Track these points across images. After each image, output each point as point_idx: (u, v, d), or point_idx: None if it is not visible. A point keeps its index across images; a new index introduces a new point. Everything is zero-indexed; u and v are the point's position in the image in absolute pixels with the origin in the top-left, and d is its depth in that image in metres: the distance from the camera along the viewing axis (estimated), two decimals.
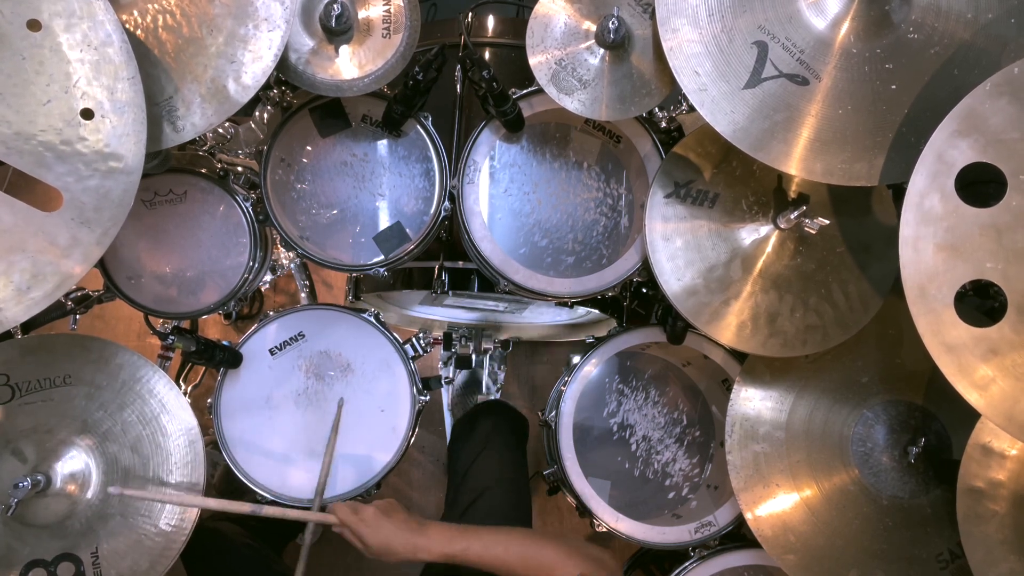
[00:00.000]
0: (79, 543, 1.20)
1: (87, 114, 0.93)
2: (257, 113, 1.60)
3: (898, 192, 1.25)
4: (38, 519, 1.20)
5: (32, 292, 0.93)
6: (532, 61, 1.21)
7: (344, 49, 1.20)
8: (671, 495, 1.63)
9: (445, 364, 2.25)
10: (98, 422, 1.24)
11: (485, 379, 2.22)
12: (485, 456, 1.66)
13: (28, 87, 0.91)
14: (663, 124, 1.42)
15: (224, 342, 1.46)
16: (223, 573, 1.48)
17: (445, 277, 1.51)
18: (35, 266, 0.92)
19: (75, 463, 1.23)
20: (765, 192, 1.27)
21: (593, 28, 1.21)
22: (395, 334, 1.52)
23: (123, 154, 0.95)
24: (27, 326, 1.37)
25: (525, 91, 1.35)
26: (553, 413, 1.52)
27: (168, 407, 1.27)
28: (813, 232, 1.19)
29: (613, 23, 1.16)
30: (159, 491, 1.25)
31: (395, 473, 1.50)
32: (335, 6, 1.14)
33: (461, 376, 2.24)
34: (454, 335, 1.96)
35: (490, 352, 2.14)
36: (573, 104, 1.21)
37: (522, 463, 1.75)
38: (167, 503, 1.24)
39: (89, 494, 1.22)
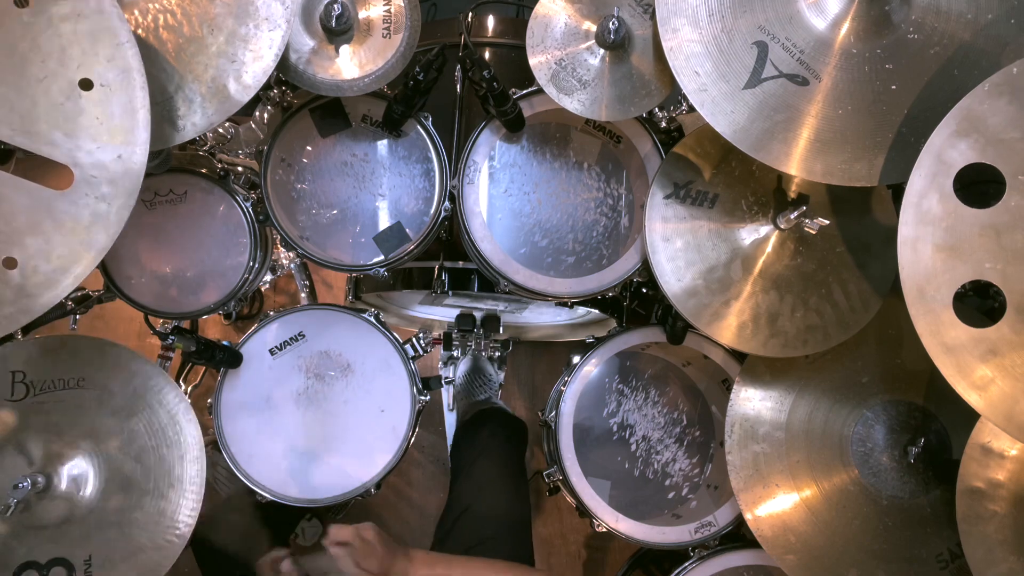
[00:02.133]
0: (74, 548, 1.19)
1: (86, 85, 0.92)
2: (257, 113, 1.61)
3: (897, 192, 1.25)
4: (36, 520, 1.19)
5: (58, 274, 0.93)
6: (532, 61, 1.21)
7: (344, 49, 1.20)
8: (671, 495, 1.63)
9: (445, 364, 2.26)
10: (106, 428, 1.23)
11: (489, 370, 2.22)
12: (483, 462, 1.67)
13: (25, 65, 0.91)
14: (663, 124, 1.42)
15: (224, 342, 1.46)
16: (231, 563, 1.49)
17: (445, 277, 1.51)
18: (57, 247, 0.92)
19: (78, 467, 1.22)
20: (765, 192, 1.27)
21: (593, 28, 1.21)
22: (395, 334, 1.52)
23: (129, 122, 0.94)
24: (27, 326, 1.37)
25: (525, 91, 1.35)
26: (553, 413, 1.52)
27: (176, 420, 1.26)
28: (813, 232, 1.19)
29: (613, 23, 1.16)
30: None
31: (395, 473, 1.50)
32: (335, 6, 1.14)
33: (464, 368, 2.24)
34: (454, 335, 1.96)
35: (489, 352, 2.14)
36: (573, 104, 1.21)
37: (521, 468, 1.76)
38: None
39: (88, 499, 1.21)
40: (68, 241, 0.93)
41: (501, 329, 1.75)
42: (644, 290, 1.67)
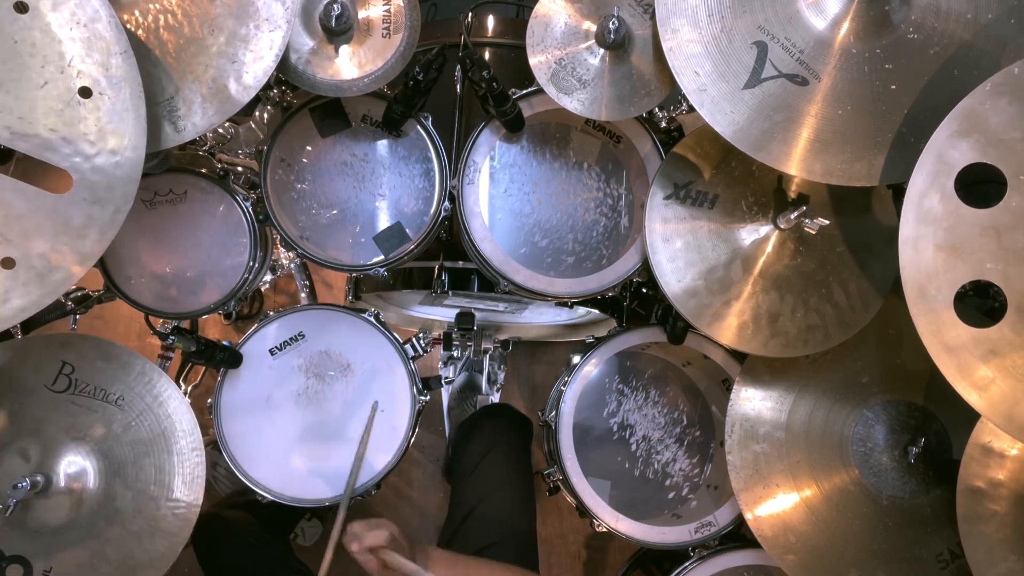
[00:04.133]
0: (39, 555, 1.19)
1: (85, 92, 0.93)
2: (257, 113, 1.61)
3: (898, 192, 1.25)
4: (17, 517, 1.18)
5: (53, 275, 0.93)
6: (532, 61, 1.21)
7: (344, 49, 1.20)
8: (671, 495, 1.63)
9: (445, 364, 2.26)
10: (120, 454, 1.24)
11: (484, 380, 2.22)
12: (488, 460, 1.66)
13: (24, 71, 0.92)
14: (663, 124, 1.42)
15: (224, 342, 1.46)
16: (232, 561, 1.50)
17: (445, 277, 1.51)
18: (53, 249, 0.93)
19: (78, 479, 1.22)
20: (765, 192, 1.27)
21: (593, 28, 1.21)
22: (395, 334, 1.51)
23: (125, 129, 0.95)
24: (27, 326, 1.37)
25: (525, 91, 1.35)
26: (553, 413, 1.52)
27: (185, 461, 1.26)
28: (813, 232, 1.19)
29: (613, 23, 1.16)
30: None
31: (395, 473, 1.50)
32: (335, 6, 1.14)
33: (460, 378, 2.24)
34: (454, 335, 1.96)
35: (490, 352, 2.14)
36: (573, 104, 1.21)
37: (527, 465, 1.75)
38: None
39: (72, 514, 1.21)
40: (65, 243, 0.94)
41: (499, 329, 1.75)
42: (644, 290, 1.67)
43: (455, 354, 2.21)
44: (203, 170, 1.40)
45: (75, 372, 1.23)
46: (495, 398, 2.24)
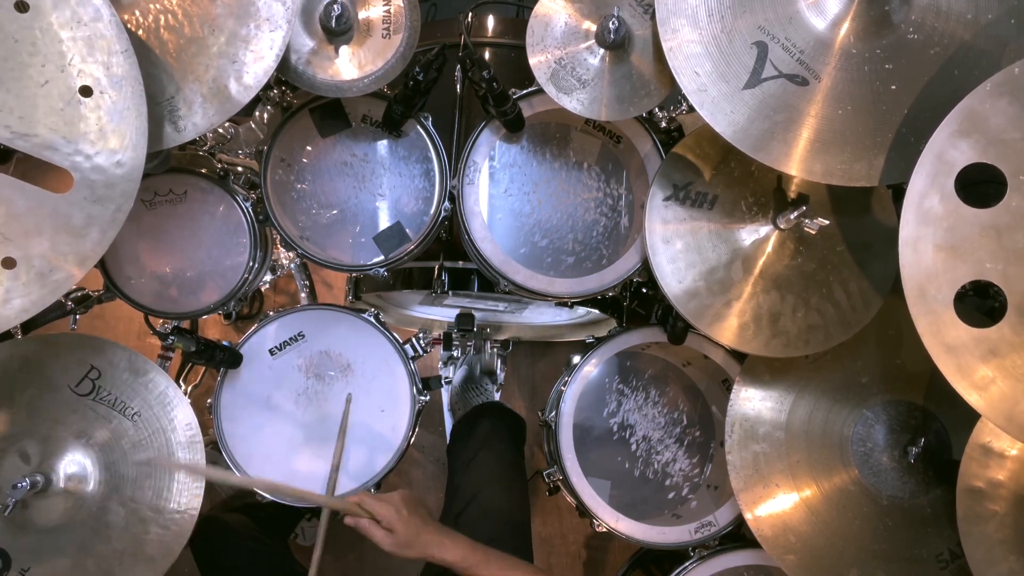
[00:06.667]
0: (22, 552, 1.19)
1: (86, 91, 0.94)
2: (257, 113, 1.61)
3: (897, 192, 1.25)
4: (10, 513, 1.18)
5: (54, 275, 0.93)
6: (532, 61, 1.21)
7: (344, 49, 1.20)
8: (671, 495, 1.63)
9: (445, 364, 2.25)
10: (122, 469, 1.24)
11: (485, 379, 2.22)
12: (483, 456, 1.67)
13: (25, 70, 0.92)
14: (663, 124, 1.42)
15: (224, 342, 1.46)
16: (231, 564, 1.50)
17: (445, 277, 1.51)
18: (54, 248, 0.93)
19: (77, 483, 1.22)
20: (764, 193, 1.27)
21: (593, 28, 1.21)
22: (395, 334, 1.51)
23: (126, 128, 0.95)
24: (27, 326, 1.37)
25: (525, 91, 1.35)
26: (553, 413, 1.52)
27: (184, 490, 1.26)
28: (813, 232, 1.19)
29: (613, 23, 1.16)
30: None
31: (395, 473, 1.50)
32: (335, 6, 1.14)
33: (460, 375, 2.24)
34: (454, 335, 1.96)
35: (490, 352, 2.14)
36: (572, 104, 1.21)
37: (520, 463, 1.76)
38: (185, 470, 1.24)
39: (70, 517, 1.21)
40: (65, 243, 0.94)
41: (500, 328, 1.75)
42: (644, 290, 1.67)
43: (455, 354, 2.21)
44: (203, 170, 1.40)
45: (101, 378, 1.23)
46: (496, 396, 2.24)
